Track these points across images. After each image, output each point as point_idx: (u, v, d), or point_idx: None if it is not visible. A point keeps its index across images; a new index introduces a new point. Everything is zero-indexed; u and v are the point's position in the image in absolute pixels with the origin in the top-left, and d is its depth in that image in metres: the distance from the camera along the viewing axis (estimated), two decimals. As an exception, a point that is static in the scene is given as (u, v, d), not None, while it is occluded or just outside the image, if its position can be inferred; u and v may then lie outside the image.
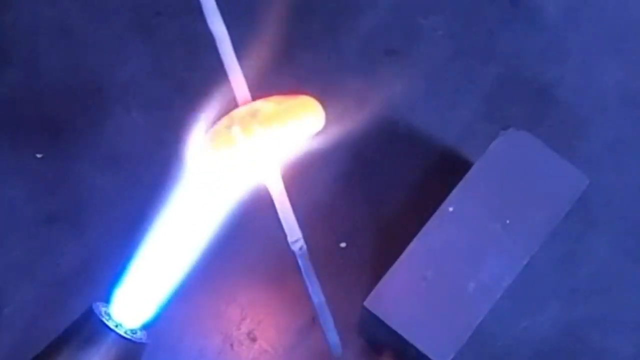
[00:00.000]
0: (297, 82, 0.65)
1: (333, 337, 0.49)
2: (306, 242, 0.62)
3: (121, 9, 0.69)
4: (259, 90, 0.44)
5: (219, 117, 0.44)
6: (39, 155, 0.64)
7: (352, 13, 0.70)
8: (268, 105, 0.43)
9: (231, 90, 0.45)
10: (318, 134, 0.46)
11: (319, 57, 0.67)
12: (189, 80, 0.65)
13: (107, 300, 0.46)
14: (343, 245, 0.62)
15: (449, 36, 0.70)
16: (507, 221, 0.56)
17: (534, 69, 0.69)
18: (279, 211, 0.46)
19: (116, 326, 0.45)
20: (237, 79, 0.44)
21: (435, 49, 0.69)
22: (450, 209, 0.57)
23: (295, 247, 0.46)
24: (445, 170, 0.64)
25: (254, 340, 0.60)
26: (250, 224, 0.59)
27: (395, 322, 0.54)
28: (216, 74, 0.45)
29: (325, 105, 0.47)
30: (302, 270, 0.47)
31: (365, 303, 0.54)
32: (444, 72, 0.68)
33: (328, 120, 0.49)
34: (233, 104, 0.45)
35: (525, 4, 0.71)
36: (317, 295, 0.48)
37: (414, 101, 0.67)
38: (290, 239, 0.46)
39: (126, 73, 0.67)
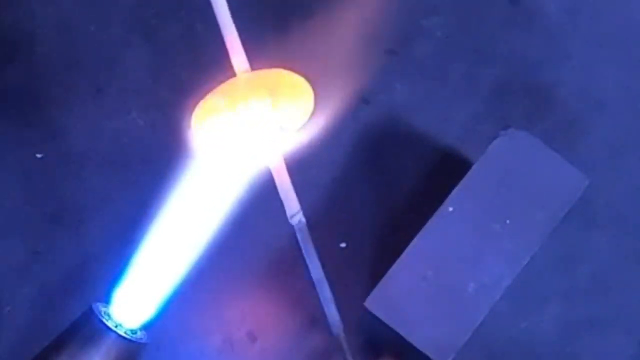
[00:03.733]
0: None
1: (333, 313, 0.49)
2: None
3: (121, 9, 0.69)
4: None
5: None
6: (39, 155, 0.64)
7: (352, 13, 0.70)
8: (253, 77, 0.43)
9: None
10: (311, 121, 0.46)
11: (319, 58, 0.67)
12: (189, 80, 0.65)
13: (107, 300, 0.46)
14: (343, 245, 0.62)
15: (449, 37, 0.70)
16: (507, 221, 0.56)
17: (534, 69, 0.69)
18: (278, 185, 0.46)
19: (116, 326, 0.45)
20: (235, 45, 0.43)
21: (435, 49, 0.69)
22: (450, 209, 0.57)
23: (294, 221, 0.46)
24: (445, 170, 0.64)
25: (254, 340, 0.60)
26: (250, 224, 0.59)
27: (395, 322, 0.54)
28: (216, 74, 0.45)
29: (324, 105, 0.47)
30: (301, 244, 0.47)
31: (366, 303, 0.54)
32: (444, 73, 0.68)
33: (328, 120, 0.49)
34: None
35: (525, 5, 0.71)
36: (316, 270, 0.48)
37: (414, 101, 0.67)
38: (288, 213, 0.46)
39: (126, 73, 0.67)
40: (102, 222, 0.62)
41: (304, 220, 0.46)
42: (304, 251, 0.47)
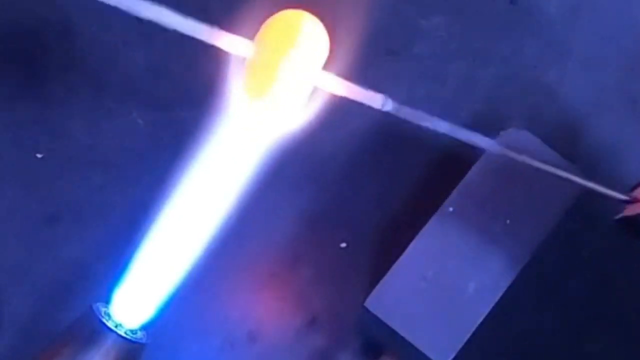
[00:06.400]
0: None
1: (477, 138, 0.47)
2: (306, 242, 0.63)
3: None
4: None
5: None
6: (39, 155, 0.64)
7: (352, 13, 0.70)
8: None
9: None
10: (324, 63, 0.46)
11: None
12: (189, 80, 0.65)
13: (107, 300, 0.46)
14: (343, 245, 0.62)
15: (449, 36, 0.70)
16: (507, 221, 0.56)
17: (534, 69, 0.69)
18: (350, 94, 0.45)
19: (116, 326, 0.45)
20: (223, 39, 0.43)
21: (435, 49, 0.69)
22: (450, 209, 0.57)
23: (387, 108, 0.45)
24: (445, 170, 0.64)
25: (254, 340, 0.59)
26: (250, 224, 0.59)
27: (395, 322, 0.54)
28: (216, 74, 0.45)
29: (325, 105, 0.47)
30: (410, 118, 0.46)
31: (366, 303, 0.54)
32: (444, 72, 0.68)
33: (327, 120, 0.49)
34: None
35: (525, 4, 0.71)
36: (439, 123, 0.46)
37: (414, 101, 0.67)
38: (378, 105, 0.45)
39: (126, 73, 0.67)
40: (102, 222, 0.62)
41: (393, 102, 0.45)
42: (415, 119, 0.46)
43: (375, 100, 0.44)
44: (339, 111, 0.64)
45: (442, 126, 0.46)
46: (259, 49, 0.42)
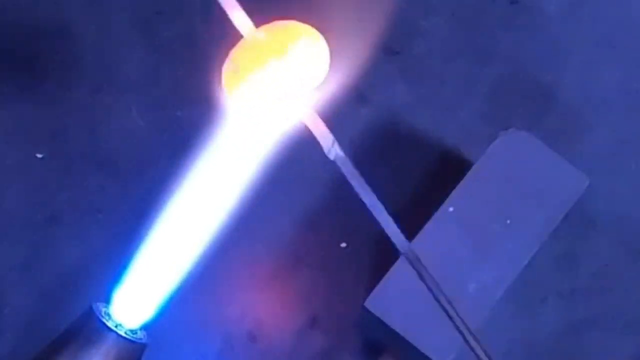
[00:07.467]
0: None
1: (395, 232, 0.47)
2: (306, 242, 0.63)
3: (121, 9, 0.69)
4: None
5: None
6: (39, 155, 0.64)
7: (351, 13, 0.70)
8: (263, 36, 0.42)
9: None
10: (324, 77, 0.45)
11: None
12: (188, 80, 0.65)
13: (107, 300, 0.46)
14: (343, 245, 0.62)
15: (449, 36, 0.70)
16: (507, 221, 0.57)
17: (534, 69, 0.69)
18: (308, 123, 0.44)
19: (116, 326, 0.45)
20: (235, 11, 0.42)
21: (435, 49, 0.69)
22: (450, 209, 0.57)
23: (332, 155, 0.45)
24: (445, 170, 0.64)
25: (254, 340, 0.59)
26: (250, 224, 0.59)
27: (395, 322, 0.54)
28: (216, 74, 0.45)
29: (325, 104, 0.47)
30: (347, 176, 0.46)
31: (366, 303, 0.54)
32: (444, 72, 0.68)
33: (327, 120, 0.49)
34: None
35: (525, 4, 0.71)
36: (368, 197, 0.47)
37: (414, 101, 0.67)
38: (325, 149, 0.44)
39: (126, 73, 0.67)
40: (102, 222, 0.62)
41: (341, 152, 0.45)
42: (352, 182, 0.46)
43: (325, 141, 0.44)
44: (338, 112, 0.64)
45: (374, 208, 0.46)
46: (256, 37, 0.42)
